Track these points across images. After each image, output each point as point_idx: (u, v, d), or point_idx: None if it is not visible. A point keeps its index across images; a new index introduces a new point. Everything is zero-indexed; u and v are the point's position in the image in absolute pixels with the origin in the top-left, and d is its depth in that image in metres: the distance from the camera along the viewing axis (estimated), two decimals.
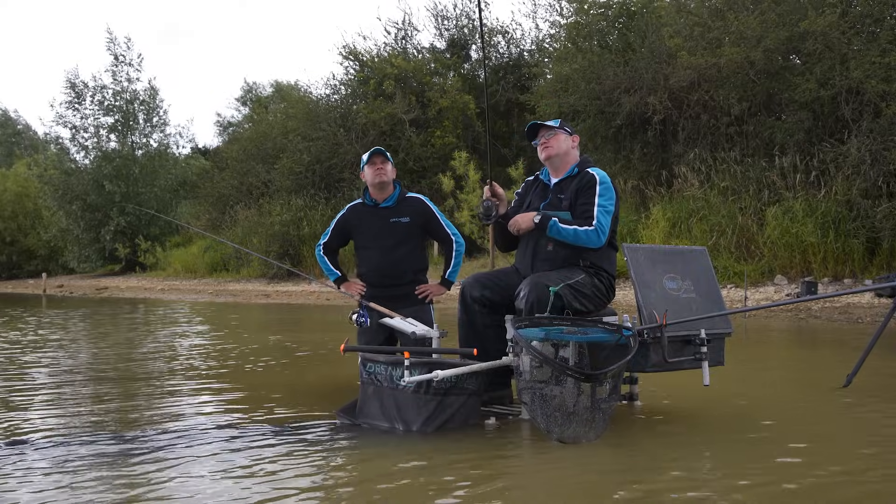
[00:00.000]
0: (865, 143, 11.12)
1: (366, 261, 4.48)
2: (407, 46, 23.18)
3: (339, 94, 23.16)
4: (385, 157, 4.42)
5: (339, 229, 4.58)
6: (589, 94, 14.80)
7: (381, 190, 4.42)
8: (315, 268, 19.54)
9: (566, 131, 3.88)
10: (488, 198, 3.92)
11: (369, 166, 4.40)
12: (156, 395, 4.67)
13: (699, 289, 3.68)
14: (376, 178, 4.38)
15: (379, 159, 4.39)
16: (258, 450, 3.11)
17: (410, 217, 4.43)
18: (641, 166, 14.73)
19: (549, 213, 3.69)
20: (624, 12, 16.41)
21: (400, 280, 4.38)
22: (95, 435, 3.43)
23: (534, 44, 21.69)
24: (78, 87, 30.91)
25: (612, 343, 3.34)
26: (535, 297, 3.47)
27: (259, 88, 39.80)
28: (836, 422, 3.60)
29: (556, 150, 3.83)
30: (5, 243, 36.07)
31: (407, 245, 4.42)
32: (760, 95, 13.00)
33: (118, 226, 29.12)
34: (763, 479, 2.62)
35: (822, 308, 9.64)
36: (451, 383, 3.38)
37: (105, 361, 6.37)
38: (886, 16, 11.92)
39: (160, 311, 14.12)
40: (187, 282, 24.19)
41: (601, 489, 2.55)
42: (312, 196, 21.05)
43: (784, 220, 11.43)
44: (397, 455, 3.04)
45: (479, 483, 2.64)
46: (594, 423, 3.10)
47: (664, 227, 12.85)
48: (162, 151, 31.78)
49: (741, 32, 12.74)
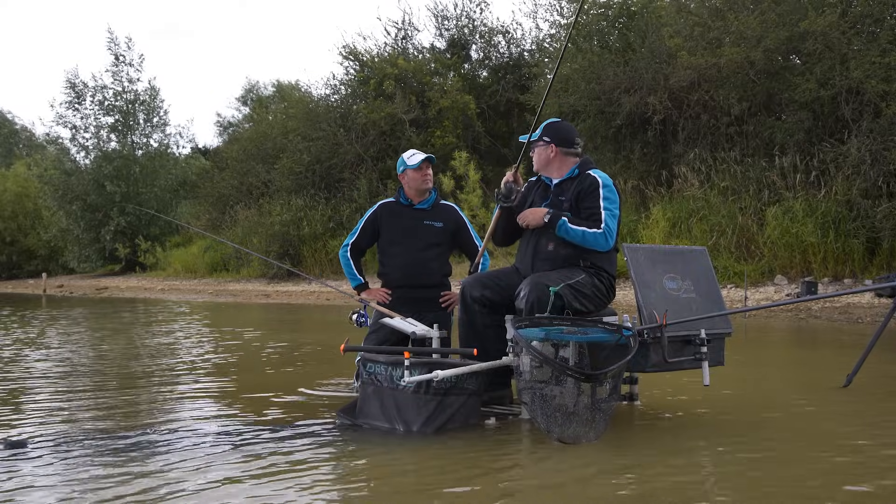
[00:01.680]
0: (865, 143, 11.12)
1: (392, 258, 4.40)
2: (407, 46, 23.17)
3: (339, 94, 23.15)
4: (433, 163, 4.43)
5: (369, 225, 4.49)
6: (589, 94, 14.79)
7: (422, 195, 4.42)
8: (315, 268, 19.55)
9: (544, 141, 3.85)
10: (509, 180, 3.89)
11: (416, 171, 4.36)
12: (155, 395, 4.67)
13: (699, 289, 3.68)
14: (424, 184, 4.37)
15: (427, 166, 4.39)
16: (258, 450, 3.11)
17: (444, 223, 4.42)
18: (641, 166, 14.73)
19: (559, 213, 3.69)
20: (624, 12, 16.40)
21: (426, 282, 4.34)
22: (95, 435, 3.43)
23: (534, 44, 21.70)
24: (78, 87, 30.90)
25: (612, 343, 3.34)
26: (535, 297, 3.47)
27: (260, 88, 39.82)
28: (837, 422, 3.59)
29: (536, 166, 3.90)
30: (5, 243, 36.05)
31: (437, 249, 4.40)
32: (760, 95, 12.99)
33: (118, 226, 29.11)
34: (763, 480, 2.62)
35: (822, 308, 9.64)
36: (451, 383, 3.38)
37: (105, 361, 6.37)
38: (886, 16, 11.92)
39: (160, 311, 14.12)
40: (187, 282, 24.18)
41: (601, 489, 2.55)
42: (312, 196, 21.04)
43: (784, 220, 11.43)
44: (397, 455, 3.04)
45: (480, 483, 2.64)
46: (594, 424, 3.10)
47: (664, 227, 12.85)
48: (162, 151, 31.76)
49: (741, 32, 12.74)
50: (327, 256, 19.19)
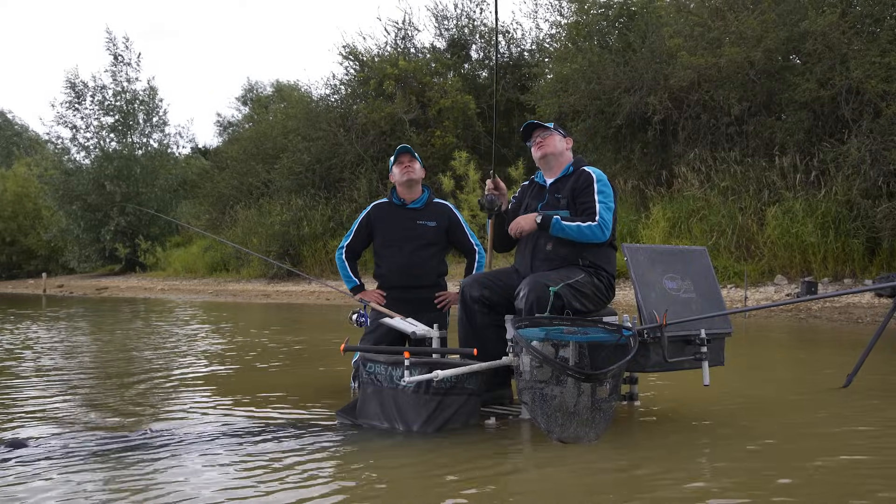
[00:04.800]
0: (865, 143, 11.11)
1: (387, 259, 4.39)
2: (407, 46, 23.17)
3: (339, 94, 23.15)
4: (412, 155, 4.40)
5: (363, 227, 4.49)
6: (589, 94, 14.79)
7: (409, 189, 4.39)
8: (315, 267, 19.55)
9: (561, 133, 3.91)
10: (490, 190, 3.93)
11: (397, 165, 4.37)
12: (155, 394, 4.67)
13: (699, 289, 3.68)
14: (404, 175, 4.35)
15: (406, 157, 4.37)
16: (258, 450, 3.11)
17: (437, 221, 4.41)
18: (641, 166, 14.73)
19: (550, 213, 3.70)
20: (624, 12, 16.40)
21: (422, 282, 4.33)
22: (94, 435, 3.43)
23: (534, 44, 21.70)
24: (78, 87, 30.90)
25: (612, 343, 3.34)
26: (534, 296, 3.47)
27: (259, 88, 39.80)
28: (837, 422, 3.59)
29: (551, 149, 3.85)
30: (5, 243, 36.05)
31: (432, 248, 4.39)
32: (760, 95, 12.99)
33: (118, 226, 29.10)
34: (763, 479, 2.62)
35: (822, 308, 9.64)
36: (451, 383, 3.38)
37: (105, 361, 6.37)
38: (886, 16, 11.92)
39: (160, 311, 14.12)
40: (187, 282, 24.18)
41: (601, 489, 2.55)
42: (312, 196, 21.04)
43: (784, 220, 11.43)
44: (397, 455, 3.04)
45: (480, 483, 2.64)
46: (594, 424, 3.10)
47: (664, 227, 12.85)
48: (162, 151, 31.76)
49: (741, 32, 12.74)
50: (327, 256, 19.20)
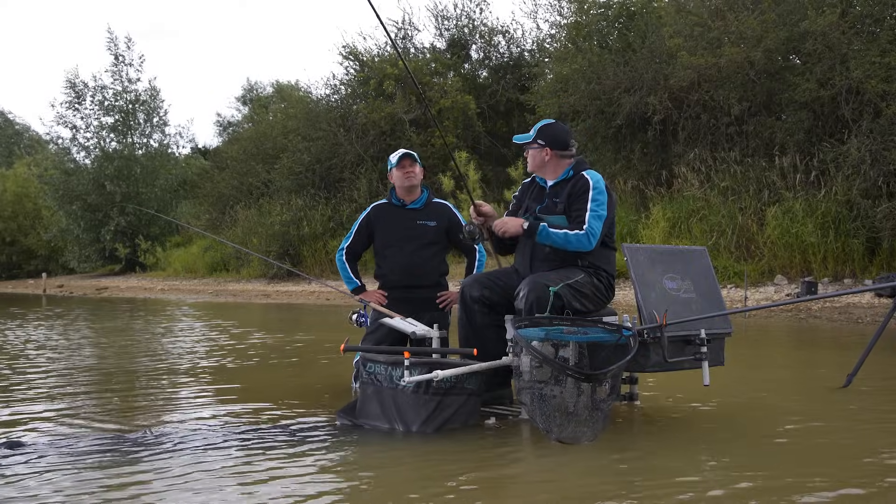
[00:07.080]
0: (865, 143, 11.11)
1: (388, 260, 4.40)
2: (407, 46, 23.16)
3: (339, 94, 23.14)
4: (414, 159, 4.41)
5: (363, 229, 4.50)
6: (589, 94, 14.78)
7: (409, 192, 4.41)
8: (315, 268, 19.55)
9: (538, 144, 3.82)
10: (472, 220, 3.89)
11: (398, 169, 4.37)
12: (155, 394, 4.67)
13: (699, 289, 3.68)
14: (406, 181, 4.36)
15: (408, 162, 4.38)
16: (258, 451, 3.11)
17: (437, 221, 4.42)
18: (641, 166, 14.72)
19: (539, 219, 3.68)
20: (624, 12, 16.39)
21: (423, 282, 4.34)
22: (94, 435, 3.43)
23: (534, 44, 21.70)
24: (78, 87, 30.90)
25: (612, 343, 3.34)
26: (534, 297, 3.47)
27: (259, 88, 39.80)
28: (837, 422, 3.59)
29: (531, 167, 3.88)
30: (5, 243, 36.03)
31: (433, 248, 4.40)
32: (760, 95, 12.99)
33: (118, 226, 29.09)
34: (763, 479, 2.62)
35: (822, 308, 9.64)
36: (450, 383, 3.38)
37: (105, 361, 6.37)
38: (886, 16, 11.91)
39: (160, 311, 14.12)
40: (187, 282, 24.18)
41: (601, 489, 2.55)
42: (312, 196, 21.03)
43: (784, 220, 11.42)
44: (397, 455, 3.04)
45: (480, 483, 2.64)
46: (593, 424, 3.10)
47: (664, 227, 12.85)
48: (162, 151, 31.75)
49: (741, 32, 12.73)
50: (327, 256, 19.19)
